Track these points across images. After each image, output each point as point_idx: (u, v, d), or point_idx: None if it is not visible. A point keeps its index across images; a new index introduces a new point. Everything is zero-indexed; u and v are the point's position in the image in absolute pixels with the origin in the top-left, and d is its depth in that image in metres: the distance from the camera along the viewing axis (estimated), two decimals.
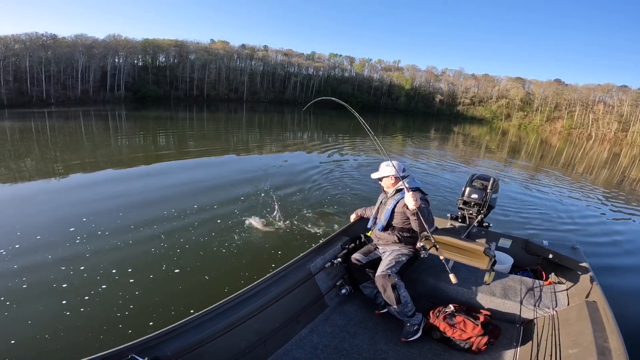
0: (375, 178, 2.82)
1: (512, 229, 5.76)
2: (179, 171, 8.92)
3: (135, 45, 50.87)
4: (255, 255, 4.41)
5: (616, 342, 1.80)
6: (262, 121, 28.04)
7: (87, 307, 3.20)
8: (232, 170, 9.15)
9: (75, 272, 3.72)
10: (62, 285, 3.47)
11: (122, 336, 2.83)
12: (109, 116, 25.43)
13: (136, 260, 4.07)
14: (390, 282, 2.47)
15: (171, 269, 3.93)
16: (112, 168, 8.91)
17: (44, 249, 4.21)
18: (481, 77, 66.52)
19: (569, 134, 50.97)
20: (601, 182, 13.05)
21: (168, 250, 4.36)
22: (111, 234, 4.69)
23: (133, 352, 1.57)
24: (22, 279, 3.52)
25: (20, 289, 3.37)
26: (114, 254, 4.21)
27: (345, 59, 70.04)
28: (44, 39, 40.97)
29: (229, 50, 59.81)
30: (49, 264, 3.87)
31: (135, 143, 13.63)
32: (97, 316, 3.12)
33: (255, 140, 16.54)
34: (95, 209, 5.56)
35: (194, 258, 4.22)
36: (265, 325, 2.21)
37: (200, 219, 5.40)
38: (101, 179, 7.78)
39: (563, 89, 58.86)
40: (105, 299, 3.33)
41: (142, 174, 8.53)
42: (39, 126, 18.42)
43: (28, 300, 3.26)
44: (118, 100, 42.68)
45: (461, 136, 29.78)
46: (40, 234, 4.56)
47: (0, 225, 4.83)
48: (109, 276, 3.72)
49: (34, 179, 7.64)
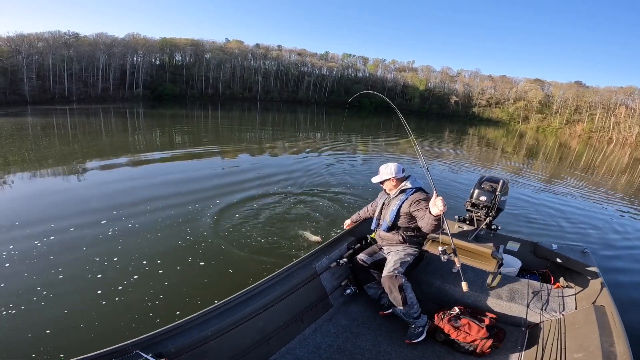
0: (377, 182, 2.83)
1: (522, 232, 5.71)
2: (201, 168, 9.12)
3: (154, 44, 51.97)
4: (272, 249, 4.53)
5: (622, 346, 1.77)
6: (276, 120, 28.24)
7: (121, 296, 3.34)
8: (252, 169, 9.29)
9: (109, 264, 3.89)
10: (96, 275, 3.63)
11: (152, 324, 2.92)
12: (127, 113, 26.17)
13: (164, 253, 4.23)
14: (397, 283, 2.46)
15: (196, 261, 4.09)
16: (133, 165, 9.21)
17: (78, 240, 4.41)
18: (498, 79, 65.26)
19: (589, 138, 49.52)
20: (619, 187, 12.68)
21: (193, 243, 4.54)
22: (141, 227, 4.89)
23: (137, 348, 1.60)
24: (58, 270, 3.69)
25: (57, 280, 3.54)
26: (144, 246, 4.39)
27: (358, 59, 69.79)
28: (66, 37, 42.28)
29: (244, 50, 60.43)
30: (83, 255, 4.05)
31: (154, 140, 14.02)
32: (130, 305, 3.25)
33: (271, 140, 16.69)
34: (123, 202, 5.79)
35: (217, 251, 4.38)
36: (270, 324, 2.21)
37: (222, 214, 5.58)
38: (125, 175, 8.06)
39: (584, 91, 57.19)
40: (137, 289, 3.48)
41: (163, 171, 8.76)
42: (67, 122, 19.10)
43: (64, 290, 3.41)
44: (136, 98, 43.75)
45: (476, 138, 29.34)
46: (74, 226, 4.77)
47: (36, 218, 5.05)
48: (140, 267, 3.87)
49: (63, 174, 7.94)
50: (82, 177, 7.67)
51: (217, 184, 7.31)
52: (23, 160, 9.17)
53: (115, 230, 4.73)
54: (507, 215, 6.18)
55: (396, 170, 2.73)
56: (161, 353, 1.66)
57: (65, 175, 7.83)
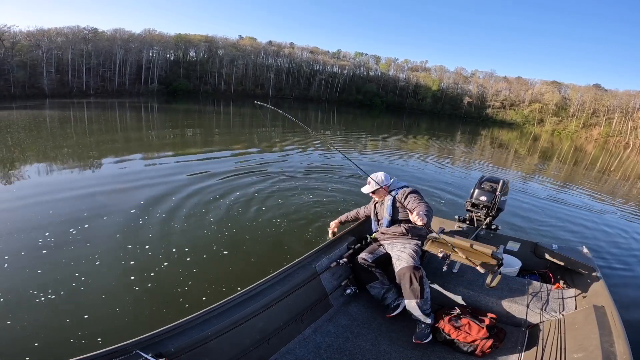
0: (368, 192, 2.94)
1: (522, 232, 5.72)
2: (218, 163, 9.36)
3: (169, 40, 52.76)
4: (287, 240, 4.72)
5: (622, 346, 1.78)
6: (287, 119, 28.35)
7: (153, 282, 3.52)
8: (270, 164, 9.47)
9: (141, 251, 4.10)
10: (129, 262, 3.84)
11: (181, 311, 3.08)
12: (147, 108, 26.70)
13: (192, 241, 4.44)
14: (419, 274, 2.46)
15: (220, 250, 4.30)
16: (148, 158, 9.53)
17: (111, 228, 4.63)
18: (514, 80, 64.17)
19: (605, 142, 48.41)
20: (621, 189, 12.48)
21: (217, 233, 4.76)
22: (167, 217, 5.11)
23: (137, 348, 1.61)
24: (95, 256, 3.91)
25: (94, 267, 3.73)
26: (173, 234, 4.60)
27: (370, 58, 69.51)
28: (85, 32, 43.20)
29: (256, 47, 60.82)
30: (117, 243, 4.26)
31: (169, 136, 14.36)
32: (161, 290, 3.37)
33: (283, 138, 16.88)
34: (150, 194, 6.03)
35: (241, 241, 4.61)
36: (269, 324, 2.22)
37: (244, 205, 5.82)
38: (149, 166, 8.37)
39: (602, 95, 55.80)
40: (167, 276, 3.66)
41: (183, 163, 9.01)
42: (94, 115, 19.66)
43: (101, 277, 3.59)
44: (151, 93, 44.53)
45: (488, 140, 29.03)
46: (107, 215, 5.00)
47: (72, 208, 5.26)
48: (169, 255, 4.06)
49: (90, 166, 8.23)
50: (111, 169, 7.96)
51: (233, 177, 7.59)
52: (59, 152, 9.52)
53: (145, 220, 4.96)
54: (507, 216, 6.23)
55: (384, 178, 2.88)
56: (161, 353, 1.66)
57: (95, 168, 8.12)
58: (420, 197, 2.75)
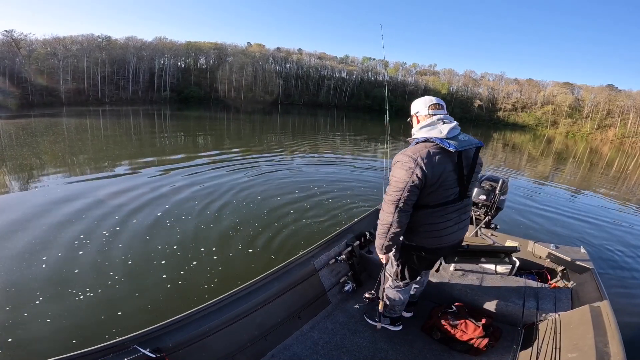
0: None
1: (521, 231, 5.69)
2: (235, 167, 9.52)
3: (180, 48, 53.93)
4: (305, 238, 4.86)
5: (616, 347, 1.79)
6: (296, 124, 28.55)
7: (183, 280, 3.68)
8: (276, 164, 9.57)
9: (170, 251, 4.27)
10: (160, 262, 3.98)
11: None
12: (160, 115, 27.26)
13: (217, 241, 4.64)
14: None
15: (246, 249, 4.47)
16: (162, 165, 9.74)
17: (141, 230, 4.82)
18: (525, 82, 63.46)
19: (621, 143, 47.37)
20: (622, 191, 12.10)
21: (243, 232, 4.96)
22: (193, 219, 5.32)
23: (135, 343, 1.61)
24: (127, 256, 4.08)
25: (127, 266, 3.90)
26: (199, 235, 4.80)
27: (378, 63, 69.68)
28: (99, 40, 44.50)
29: (265, 53, 61.69)
30: (148, 244, 4.43)
31: (181, 142, 14.69)
32: (191, 287, 3.56)
33: (294, 143, 17.03)
34: (174, 199, 6.23)
35: (265, 239, 4.81)
36: (267, 320, 2.23)
37: (245, 205, 6.11)
38: (173, 173, 8.54)
39: (616, 95, 54.79)
40: (196, 273, 3.82)
41: (201, 168, 9.18)
42: (114, 123, 20.17)
43: (134, 275, 3.75)
44: (164, 100, 45.52)
45: (500, 142, 28.72)
46: (136, 219, 5.20)
47: (100, 210, 5.46)
48: (198, 254, 4.25)
49: (122, 173, 8.34)
50: (135, 175, 8.13)
51: (232, 177, 7.96)
52: (86, 159, 9.87)
53: (172, 221, 5.17)
54: (506, 215, 6.23)
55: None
56: (159, 348, 1.66)
57: (127, 175, 8.28)
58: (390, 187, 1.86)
